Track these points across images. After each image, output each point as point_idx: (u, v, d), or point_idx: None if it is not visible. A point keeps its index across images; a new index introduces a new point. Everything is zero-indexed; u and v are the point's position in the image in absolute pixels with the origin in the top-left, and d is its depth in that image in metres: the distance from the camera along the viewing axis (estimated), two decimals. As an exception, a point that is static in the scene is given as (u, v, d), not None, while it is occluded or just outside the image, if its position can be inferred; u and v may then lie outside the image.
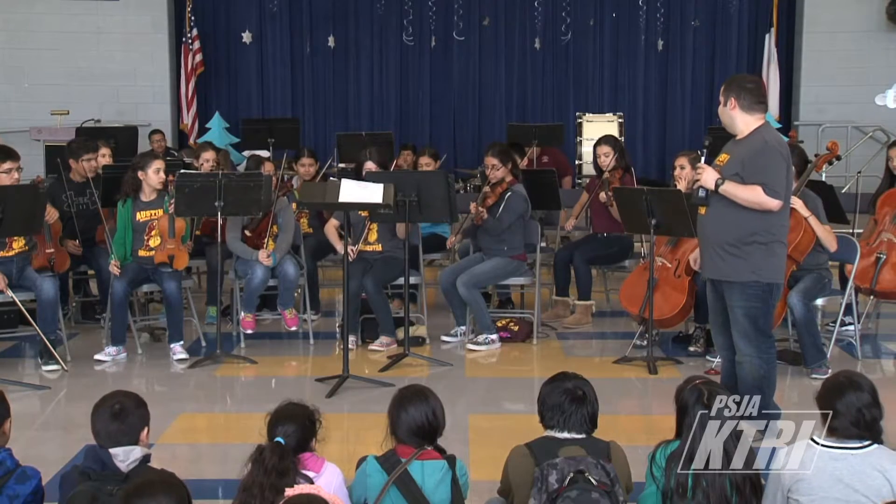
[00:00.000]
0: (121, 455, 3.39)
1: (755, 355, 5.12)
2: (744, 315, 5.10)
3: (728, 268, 5.10)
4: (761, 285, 5.08)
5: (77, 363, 6.95)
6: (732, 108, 5.13)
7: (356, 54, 13.70)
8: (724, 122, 5.25)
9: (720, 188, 5.05)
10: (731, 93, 5.14)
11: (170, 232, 7.09)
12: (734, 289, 5.11)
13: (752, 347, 5.13)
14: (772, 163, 5.04)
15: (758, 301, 5.10)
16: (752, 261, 5.06)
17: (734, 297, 5.12)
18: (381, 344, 7.31)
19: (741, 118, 5.14)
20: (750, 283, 5.07)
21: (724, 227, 5.11)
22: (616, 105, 13.22)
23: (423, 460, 3.57)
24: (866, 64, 12.84)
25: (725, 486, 3.43)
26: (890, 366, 7.26)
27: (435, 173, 7.95)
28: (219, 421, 6.13)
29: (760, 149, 5.05)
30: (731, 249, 5.08)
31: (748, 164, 5.03)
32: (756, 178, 5.00)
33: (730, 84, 5.19)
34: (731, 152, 5.19)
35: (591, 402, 3.68)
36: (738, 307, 5.11)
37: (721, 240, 5.12)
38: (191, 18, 13.11)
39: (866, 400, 3.45)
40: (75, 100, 12.48)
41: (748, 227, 5.05)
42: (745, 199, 5.02)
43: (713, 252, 5.17)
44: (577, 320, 8.10)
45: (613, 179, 7.98)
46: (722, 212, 5.10)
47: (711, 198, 5.11)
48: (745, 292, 5.09)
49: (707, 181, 5.09)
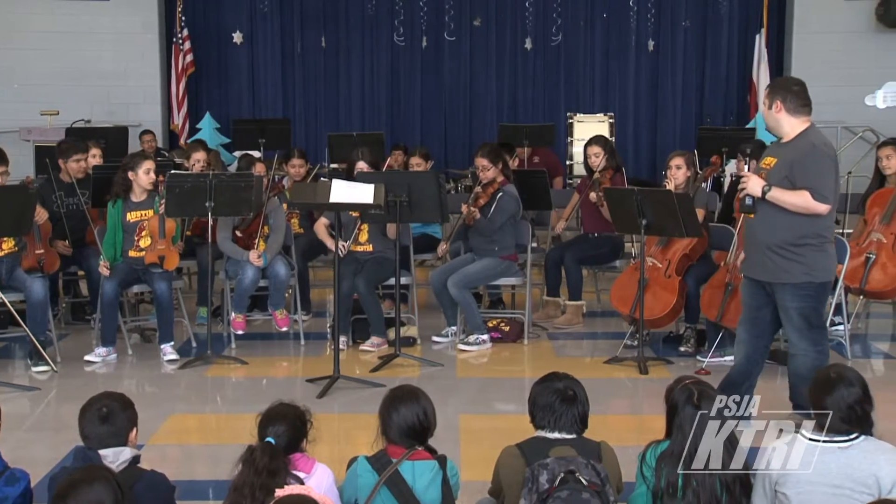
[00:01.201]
0: (110, 456, 3.39)
1: (811, 349, 5.22)
2: (799, 314, 5.18)
3: (780, 270, 5.16)
4: (814, 285, 5.16)
5: (67, 364, 6.93)
6: (778, 111, 5.17)
7: (347, 54, 13.68)
8: (768, 125, 5.30)
9: (767, 195, 5.10)
10: (777, 96, 5.17)
11: (160, 232, 7.08)
12: (787, 290, 5.17)
13: (807, 342, 5.21)
14: (820, 167, 5.11)
15: (811, 300, 5.19)
16: (806, 262, 5.12)
17: (787, 298, 5.18)
18: (372, 344, 7.31)
19: (787, 121, 5.18)
20: (803, 283, 5.14)
21: (775, 229, 5.15)
22: (607, 105, 13.22)
23: (413, 460, 3.57)
24: (856, 65, 12.86)
25: (715, 485, 3.43)
26: (880, 365, 7.29)
27: (426, 174, 7.95)
28: (209, 422, 6.12)
29: (809, 152, 5.10)
30: (783, 252, 5.13)
31: (797, 168, 5.08)
32: (804, 182, 5.06)
33: (774, 87, 5.24)
34: (778, 155, 5.22)
35: (582, 403, 3.68)
36: (793, 307, 5.18)
37: (772, 242, 5.17)
38: (181, 19, 13.07)
39: (857, 394, 3.46)
40: (65, 100, 12.43)
41: (799, 230, 5.11)
42: (792, 205, 5.07)
43: (763, 254, 5.22)
44: (567, 320, 8.10)
45: (604, 179, 7.99)
46: (772, 215, 5.15)
47: (758, 203, 5.16)
48: (798, 293, 5.16)
49: (754, 189, 5.15)
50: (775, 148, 5.32)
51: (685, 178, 7.23)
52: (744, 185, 5.22)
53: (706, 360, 6.74)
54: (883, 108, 12.90)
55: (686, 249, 7.05)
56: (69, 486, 2.86)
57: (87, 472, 2.99)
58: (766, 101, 5.21)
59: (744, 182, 5.23)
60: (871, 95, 12.91)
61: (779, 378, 6.54)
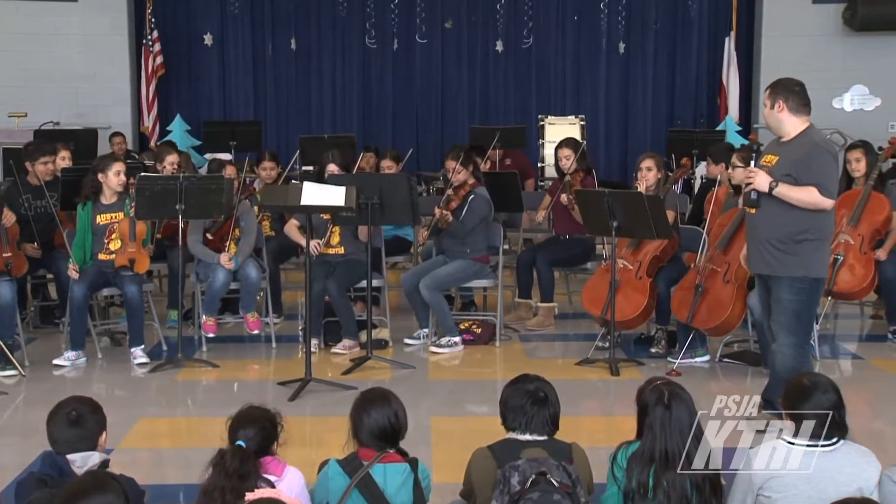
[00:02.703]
0: (78, 461, 3.37)
1: (794, 346, 5.32)
2: (790, 308, 5.30)
3: (778, 263, 5.29)
4: (809, 280, 5.28)
5: (35, 368, 6.87)
6: (780, 111, 5.29)
7: (318, 57, 13.65)
8: (769, 125, 5.39)
9: (774, 191, 5.21)
10: (779, 96, 5.29)
11: (130, 235, 7.03)
12: (783, 283, 5.30)
13: (792, 338, 5.32)
14: (824, 164, 5.25)
15: (804, 295, 5.30)
16: (803, 257, 5.25)
17: (783, 291, 5.30)
18: (343, 347, 7.29)
19: (789, 120, 5.30)
20: (799, 277, 5.26)
21: (776, 224, 5.28)
22: (578, 107, 13.27)
23: (385, 463, 3.57)
24: (823, 68, 12.97)
25: (686, 486, 3.45)
26: (848, 366, 7.35)
27: (397, 176, 7.94)
28: (180, 425, 6.09)
29: (812, 150, 5.23)
30: (782, 246, 5.26)
31: (801, 166, 5.20)
32: (810, 178, 5.18)
33: (776, 87, 5.33)
34: (779, 153, 5.33)
35: (553, 404, 3.70)
36: (786, 300, 5.30)
37: (773, 236, 5.29)
38: (151, 20, 13.00)
39: (833, 400, 3.51)
40: (33, 102, 12.31)
41: (800, 225, 5.23)
42: (799, 200, 5.19)
43: (763, 248, 5.35)
44: (539, 322, 8.12)
45: (575, 182, 8.01)
46: (774, 210, 5.27)
47: (762, 197, 5.27)
48: (793, 286, 5.27)
49: (761, 185, 5.25)
50: (775, 146, 5.42)
51: (656, 180, 7.26)
52: (750, 180, 5.32)
53: (677, 361, 6.77)
54: (850, 111, 13.05)
55: (657, 251, 7.09)
56: (79, 492, 2.83)
57: (97, 478, 2.96)
58: (768, 102, 5.32)
59: (751, 177, 5.32)
60: (839, 98, 13.06)
61: (748, 378, 6.60)
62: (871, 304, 8.42)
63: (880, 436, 5.59)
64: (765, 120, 5.45)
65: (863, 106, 13.04)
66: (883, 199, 7.39)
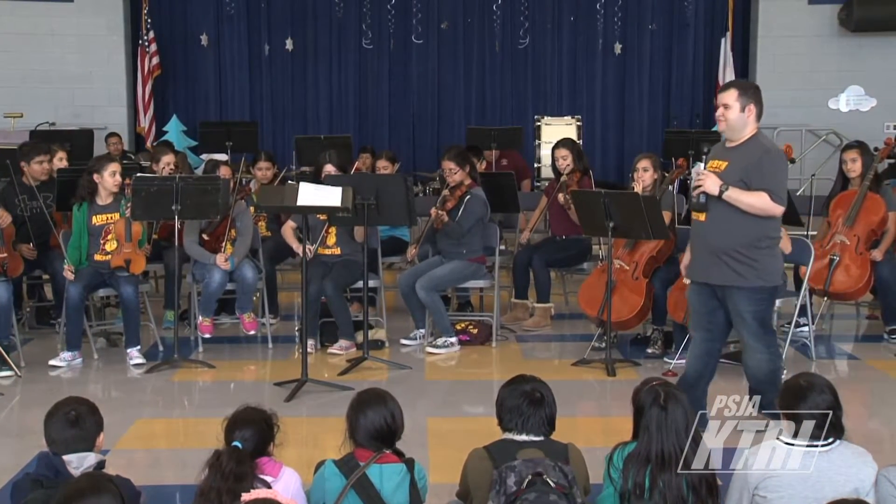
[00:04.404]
0: (74, 462, 3.36)
1: (766, 350, 5.24)
2: (753, 318, 5.19)
3: (735, 274, 5.14)
4: (767, 289, 5.20)
5: (31, 369, 6.86)
6: (749, 115, 5.15)
7: (315, 57, 13.64)
8: (731, 127, 5.17)
9: (724, 194, 5.08)
10: (751, 100, 5.15)
11: (126, 236, 7.03)
12: (742, 294, 5.16)
13: (763, 344, 5.24)
14: (776, 169, 5.14)
15: (765, 303, 5.23)
16: (759, 266, 5.13)
17: (742, 303, 5.17)
18: (340, 347, 7.29)
19: (751, 126, 5.18)
20: (757, 287, 5.15)
21: (729, 233, 5.13)
22: (574, 108, 13.27)
23: (381, 464, 3.57)
24: (819, 68, 13.00)
25: (682, 486, 3.46)
26: (844, 366, 7.36)
27: (393, 177, 7.95)
28: (176, 426, 6.08)
29: (764, 155, 5.11)
30: (739, 256, 5.12)
31: (753, 171, 5.08)
32: (762, 184, 5.07)
33: (746, 91, 5.19)
34: (727, 158, 5.18)
35: (549, 405, 3.70)
36: (748, 311, 5.18)
37: (728, 246, 5.14)
38: (147, 21, 12.99)
39: (829, 401, 3.52)
40: (29, 103, 12.31)
41: (754, 233, 5.12)
42: (750, 206, 5.07)
43: (717, 258, 5.18)
44: (536, 323, 8.12)
45: (571, 182, 8.02)
46: (726, 218, 5.13)
47: (710, 204, 5.15)
48: (753, 297, 5.16)
49: (710, 187, 5.11)
50: (722, 151, 5.27)
51: (652, 181, 7.27)
52: (700, 182, 5.16)
53: (673, 361, 6.77)
54: (846, 112, 13.07)
55: (653, 252, 7.09)
56: (75, 494, 2.82)
57: (93, 480, 2.95)
58: (738, 104, 5.13)
59: (700, 180, 5.17)
60: (835, 98, 13.09)
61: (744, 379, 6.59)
62: (867, 305, 8.43)
63: (876, 436, 5.60)
64: (727, 121, 5.16)
65: (858, 106, 13.06)
66: (879, 200, 7.41)
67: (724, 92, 5.21)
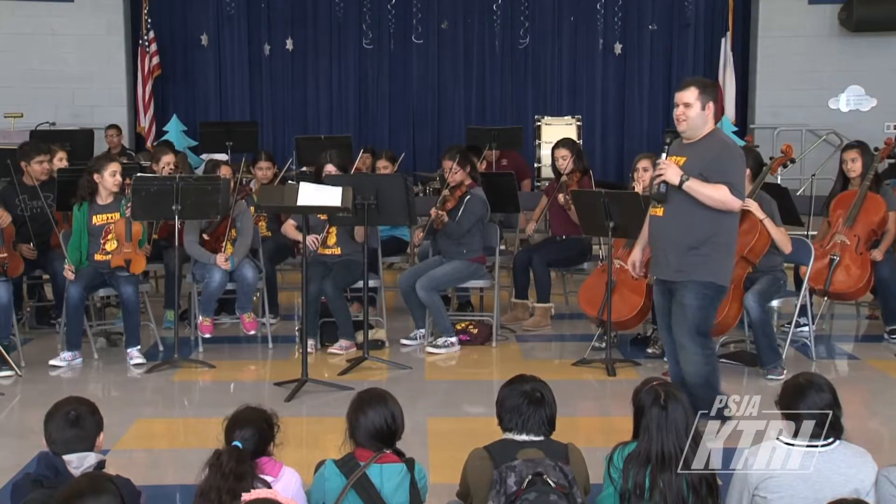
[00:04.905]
0: (75, 462, 3.36)
1: (701, 352, 5.19)
2: (694, 314, 5.15)
3: (687, 267, 5.13)
4: (715, 286, 5.16)
5: (31, 369, 6.86)
6: (708, 112, 5.15)
7: (315, 57, 13.65)
8: (692, 125, 5.16)
9: (685, 185, 5.05)
10: (710, 97, 5.16)
11: (127, 236, 7.03)
12: (688, 288, 5.15)
13: (698, 346, 5.19)
14: (735, 164, 5.14)
15: (709, 301, 5.18)
16: (711, 262, 5.11)
17: (688, 295, 5.15)
18: (340, 347, 7.29)
19: (710, 123, 5.19)
20: (706, 283, 5.12)
21: (685, 228, 5.13)
22: (574, 108, 13.27)
23: (381, 464, 3.57)
24: (820, 68, 13.01)
25: (682, 486, 3.45)
26: (844, 366, 7.36)
27: (393, 176, 7.94)
28: (176, 426, 6.08)
29: (723, 149, 5.12)
30: (692, 251, 5.11)
31: (713, 165, 5.07)
32: (721, 178, 5.05)
33: (706, 88, 5.19)
34: (685, 154, 5.18)
35: (550, 405, 3.70)
36: (690, 305, 5.15)
37: (681, 241, 5.13)
38: (147, 21, 13.00)
39: (828, 400, 3.52)
40: (29, 103, 12.32)
41: (709, 229, 5.10)
42: (709, 197, 5.04)
43: (672, 253, 5.18)
44: (536, 323, 8.12)
45: (571, 182, 8.02)
46: (682, 212, 5.12)
47: (670, 196, 5.11)
48: (699, 292, 5.14)
49: (671, 177, 5.09)
50: (680, 148, 5.24)
51: (652, 181, 7.25)
52: (661, 171, 5.14)
53: (673, 361, 6.76)
54: (846, 112, 13.07)
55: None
56: (75, 494, 2.82)
57: (93, 480, 2.95)
58: (699, 102, 5.11)
59: (661, 169, 5.14)
60: (835, 98, 13.09)
61: (745, 379, 6.61)
62: (867, 305, 8.44)
63: (876, 436, 5.60)
64: (688, 119, 5.14)
65: (859, 106, 13.07)
66: (879, 200, 7.41)
67: (685, 90, 5.16)
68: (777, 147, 11.30)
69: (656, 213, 5.27)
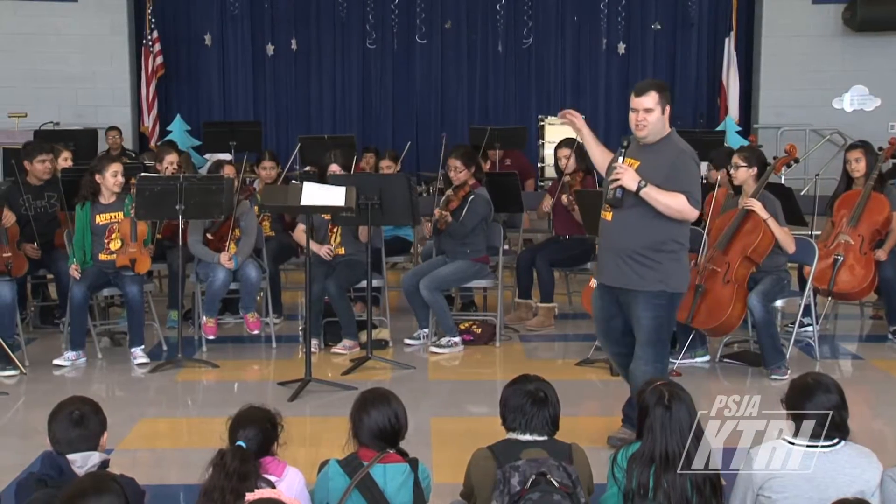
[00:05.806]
0: (79, 461, 3.36)
1: (651, 362, 4.96)
2: (649, 324, 4.94)
3: (636, 276, 4.92)
4: (667, 294, 4.94)
5: (35, 368, 6.86)
6: (666, 116, 5.00)
7: (318, 57, 13.67)
8: (652, 130, 4.98)
9: (642, 191, 4.86)
10: (667, 101, 4.99)
11: (132, 235, 7.03)
12: (639, 298, 4.93)
13: (650, 355, 4.97)
14: (692, 172, 4.96)
15: (662, 311, 4.95)
16: (661, 270, 4.90)
17: (640, 307, 4.94)
18: (343, 347, 7.29)
19: (667, 126, 5.04)
20: (657, 292, 4.91)
21: (634, 234, 4.92)
22: (578, 108, 13.08)
23: (385, 463, 3.57)
24: (824, 68, 13.01)
25: (686, 486, 3.45)
26: (848, 366, 7.35)
27: (397, 176, 7.93)
28: (180, 426, 6.08)
29: (679, 156, 4.93)
30: (640, 258, 4.90)
31: (669, 172, 4.88)
32: (679, 186, 4.86)
33: (663, 91, 5.02)
34: (640, 158, 4.99)
35: (553, 404, 3.70)
36: (644, 316, 4.94)
37: (630, 247, 4.92)
38: (150, 21, 13.02)
39: (835, 401, 3.50)
40: (33, 102, 12.34)
41: (659, 236, 4.90)
42: (666, 206, 4.85)
43: (619, 259, 4.97)
44: (539, 323, 8.12)
45: (574, 182, 8.01)
46: (633, 218, 4.91)
47: (624, 200, 4.92)
48: (651, 301, 4.91)
49: (628, 182, 4.88)
50: (636, 151, 5.05)
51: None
52: (617, 176, 4.93)
53: (677, 361, 6.74)
54: (850, 112, 13.07)
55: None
56: (79, 493, 2.83)
57: (96, 480, 2.96)
58: (658, 106, 4.96)
59: (618, 174, 4.94)
60: (839, 98, 13.09)
61: (748, 379, 6.60)
62: (871, 305, 8.42)
63: (881, 436, 5.59)
64: (649, 125, 4.96)
65: (863, 106, 13.07)
66: (883, 200, 7.39)
67: (644, 96, 4.97)
68: (781, 147, 11.25)
69: (606, 217, 5.07)
